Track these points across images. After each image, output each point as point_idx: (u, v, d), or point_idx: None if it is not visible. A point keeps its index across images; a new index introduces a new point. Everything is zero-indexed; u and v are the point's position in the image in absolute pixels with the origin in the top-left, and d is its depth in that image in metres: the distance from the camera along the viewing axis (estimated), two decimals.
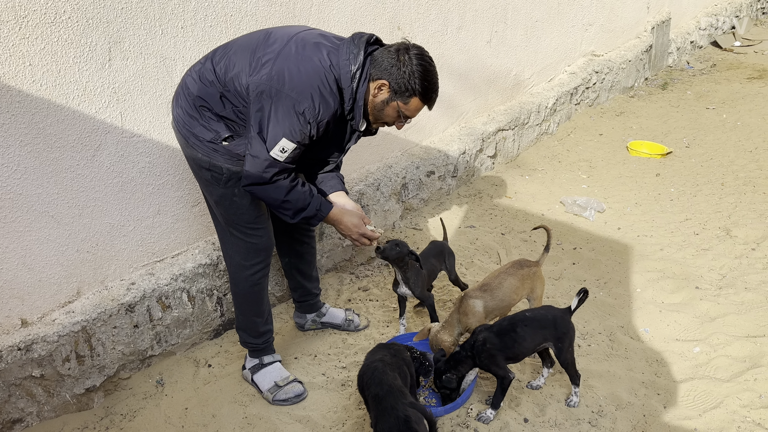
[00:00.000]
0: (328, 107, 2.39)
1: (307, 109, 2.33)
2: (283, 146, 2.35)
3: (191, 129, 2.52)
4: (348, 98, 2.44)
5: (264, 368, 2.94)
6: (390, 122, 2.57)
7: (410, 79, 2.40)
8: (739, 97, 6.87)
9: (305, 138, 2.39)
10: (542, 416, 2.80)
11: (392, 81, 2.42)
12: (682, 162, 5.44)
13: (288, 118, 2.33)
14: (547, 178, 5.21)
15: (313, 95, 2.34)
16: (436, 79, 2.48)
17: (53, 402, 2.76)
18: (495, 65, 5.15)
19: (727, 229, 4.29)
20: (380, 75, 2.42)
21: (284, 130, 2.33)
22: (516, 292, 3.03)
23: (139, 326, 2.97)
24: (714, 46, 8.93)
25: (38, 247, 2.65)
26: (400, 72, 2.39)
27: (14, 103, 2.42)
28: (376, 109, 2.51)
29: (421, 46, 2.48)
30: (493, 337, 2.70)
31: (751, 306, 3.48)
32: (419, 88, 2.43)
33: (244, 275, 2.78)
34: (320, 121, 2.39)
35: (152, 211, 3.02)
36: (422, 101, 2.49)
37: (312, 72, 2.36)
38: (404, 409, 2.30)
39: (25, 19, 2.36)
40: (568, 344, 2.75)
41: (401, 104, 2.48)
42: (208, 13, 2.95)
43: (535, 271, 3.10)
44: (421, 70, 2.41)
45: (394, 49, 2.43)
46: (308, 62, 2.37)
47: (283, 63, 2.35)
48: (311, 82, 2.35)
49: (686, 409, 2.83)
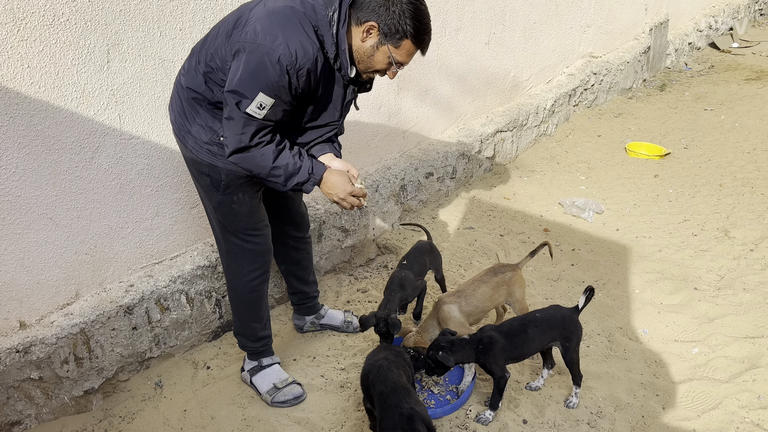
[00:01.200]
0: (306, 53, 2.21)
1: (282, 56, 2.16)
2: (261, 102, 2.20)
3: (189, 131, 2.49)
4: (330, 44, 2.27)
5: (263, 370, 2.94)
6: (382, 69, 2.38)
7: (401, 20, 2.23)
8: (737, 99, 6.88)
9: (284, 91, 2.23)
10: (541, 417, 2.80)
11: (381, 22, 2.24)
12: (681, 163, 5.45)
13: (263, 68, 2.17)
14: (545, 179, 5.21)
15: (288, 42, 2.17)
16: (428, 19, 2.30)
17: (52, 404, 2.76)
18: (493, 67, 5.16)
19: (726, 230, 4.29)
20: (368, 17, 2.24)
21: (260, 82, 2.18)
22: (490, 299, 3.03)
23: (137, 328, 2.97)
24: (712, 47, 8.95)
25: (37, 249, 2.65)
26: (389, 12, 2.22)
27: (12, 105, 2.42)
28: (366, 56, 2.33)
29: None
30: (501, 338, 2.69)
31: (749, 307, 3.48)
32: (411, 29, 2.25)
33: (242, 282, 2.77)
34: (299, 69, 2.21)
35: (151, 213, 3.02)
36: (415, 44, 2.31)
37: (284, 19, 2.21)
38: (408, 406, 2.31)
39: (24, 21, 2.36)
40: (575, 344, 2.77)
41: (392, 48, 2.29)
42: (206, 15, 2.95)
43: (511, 276, 3.07)
44: (412, 9, 2.23)
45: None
46: (280, 10, 2.23)
47: (255, 18, 2.24)
48: (285, 29, 2.19)
49: (685, 410, 2.83)
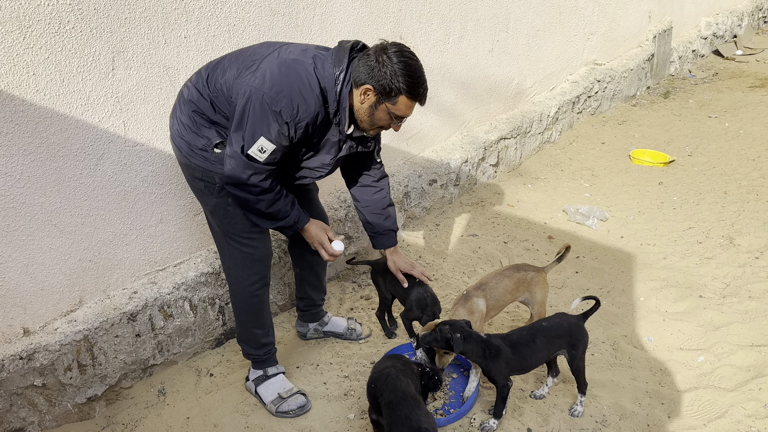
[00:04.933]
0: (308, 108, 2.35)
1: (284, 108, 2.30)
2: (262, 146, 2.33)
3: (184, 138, 2.54)
4: (332, 101, 2.41)
5: (268, 380, 2.93)
6: (385, 125, 2.53)
7: (393, 79, 2.34)
8: (742, 106, 6.87)
9: (283, 139, 2.36)
10: (546, 426, 2.78)
11: (375, 84, 2.36)
12: (685, 170, 5.43)
13: (266, 116, 2.30)
14: (549, 186, 5.20)
15: (291, 95, 2.31)
16: (419, 72, 2.40)
17: (55, 411, 2.76)
18: (497, 74, 5.16)
19: (731, 238, 4.28)
20: (363, 80, 2.37)
21: (263, 128, 2.31)
22: (511, 293, 3.03)
23: (141, 335, 2.96)
24: (716, 54, 8.95)
25: (41, 255, 2.65)
26: (381, 73, 2.34)
27: (18, 112, 2.43)
28: (366, 115, 2.47)
29: (400, 42, 2.43)
30: (508, 349, 2.67)
31: (755, 315, 3.46)
32: (404, 86, 2.36)
33: (242, 286, 2.77)
34: (298, 122, 2.35)
35: (155, 220, 3.02)
36: (410, 98, 2.42)
37: (293, 73, 2.34)
38: (418, 419, 2.26)
39: (30, 29, 2.38)
40: (581, 351, 2.75)
41: (390, 105, 2.42)
42: (211, 23, 2.96)
43: (533, 276, 3.09)
44: (402, 66, 2.35)
45: (372, 51, 2.38)
46: (290, 64, 2.36)
47: (266, 65, 2.36)
48: (290, 82, 2.32)
49: (690, 419, 2.81)
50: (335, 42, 2.53)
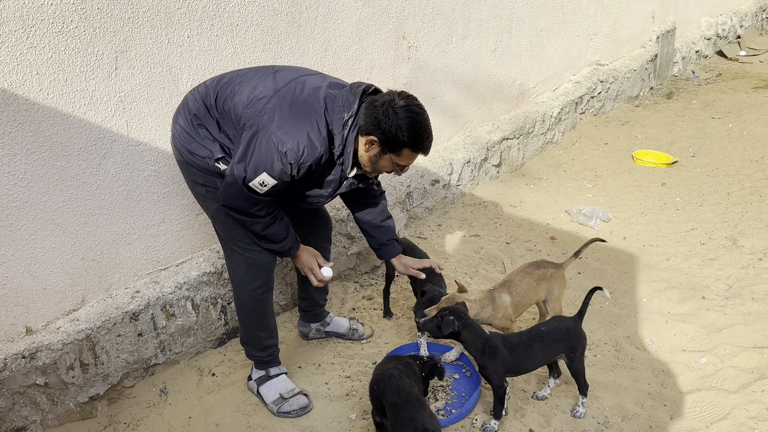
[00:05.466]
0: (314, 151, 2.38)
1: (290, 150, 2.32)
2: (263, 180, 2.36)
3: (187, 145, 2.55)
4: (338, 144, 2.44)
5: (270, 380, 2.93)
6: (389, 171, 2.58)
7: (398, 133, 2.38)
8: (745, 107, 6.86)
9: (285, 176, 2.38)
10: (548, 427, 2.78)
11: (381, 136, 2.40)
12: (688, 171, 5.42)
13: (270, 154, 2.33)
14: (552, 187, 5.20)
15: (299, 138, 2.34)
16: (424, 127, 2.44)
17: (57, 410, 2.76)
18: (500, 74, 5.16)
19: (734, 239, 4.27)
20: (369, 130, 2.41)
21: (266, 165, 2.34)
22: (534, 291, 3.05)
23: (143, 335, 2.97)
24: (719, 55, 8.93)
25: (43, 254, 2.66)
26: (386, 126, 2.37)
27: (21, 111, 2.44)
28: (371, 162, 2.52)
29: (411, 94, 2.45)
30: (506, 350, 2.66)
31: (758, 316, 3.45)
32: (408, 140, 2.41)
33: (246, 290, 2.78)
34: (302, 164, 2.37)
35: (157, 220, 3.02)
36: (413, 151, 2.47)
37: (303, 114, 2.37)
38: (423, 420, 2.26)
39: (33, 28, 2.38)
40: (580, 353, 2.74)
41: (394, 156, 2.47)
42: (214, 23, 2.97)
43: (553, 273, 3.11)
44: (407, 122, 2.38)
45: (380, 102, 2.40)
46: (302, 104, 2.38)
47: (277, 101, 2.38)
48: (300, 124, 2.35)
49: (693, 421, 2.80)
50: (337, 46, 2.53)
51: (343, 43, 3.67)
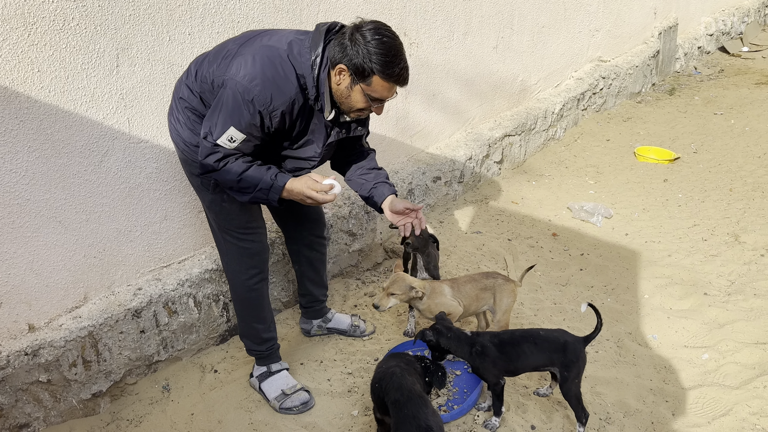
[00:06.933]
0: (281, 96, 2.29)
1: (257, 97, 2.26)
2: (231, 135, 2.29)
3: (180, 135, 2.55)
4: (311, 87, 2.34)
5: (272, 376, 2.94)
6: (364, 108, 2.41)
7: (365, 58, 2.25)
8: (747, 103, 6.84)
9: (254, 129, 2.31)
10: (549, 423, 2.78)
11: (348, 63, 2.28)
12: (690, 168, 5.41)
13: (237, 106, 2.27)
14: (554, 183, 5.19)
15: (264, 83, 2.26)
16: (396, 51, 2.29)
17: (60, 407, 2.77)
18: (501, 71, 5.15)
19: (736, 235, 4.26)
20: (337, 60, 2.30)
21: (233, 118, 2.28)
22: (476, 298, 3.02)
23: (145, 331, 2.97)
24: (722, 51, 8.90)
25: (46, 252, 2.66)
26: (353, 52, 2.26)
27: (23, 109, 2.44)
28: (343, 97, 2.37)
29: (378, 20, 2.33)
30: (494, 348, 2.63)
31: (760, 312, 3.45)
32: (377, 66, 2.26)
33: (240, 280, 2.78)
34: (272, 111, 2.30)
35: (159, 217, 3.03)
36: (385, 79, 2.30)
37: (267, 61, 2.29)
38: (426, 418, 2.25)
39: (34, 25, 2.38)
40: (575, 374, 2.60)
41: (365, 86, 2.32)
42: (216, 20, 2.96)
43: (501, 284, 3.03)
44: (375, 45, 2.24)
45: (347, 30, 2.31)
46: (265, 51, 2.31)
47: (242, 51, 2.33)
48: (264, 71, 2.27)
49: (695, 417, 2.80)
50: None
51: None
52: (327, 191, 2.46)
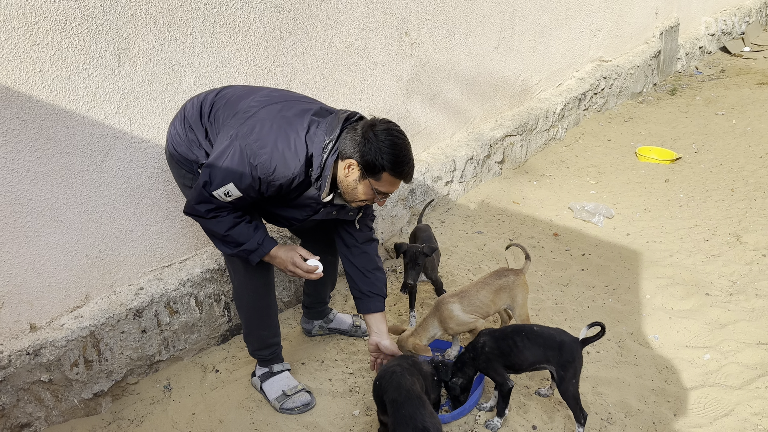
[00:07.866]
0: (285, 171, 2.35)
1: (261, 164, 2.31)
2: (229, 190, 2.35)
3: (177, 148, 2.59)
4: (317, 167, 2.40)
5: (273, 377, 2.94)
6: (369, 200, 2.51)
7: (377, 156, 2.34)
8: (749, 103, 6.83)
9: (252, 191, 2.37)
10: (551, 423, 2.78)
11: (360, 159, 2.37)
12: (692, 168, 5.41)
13: (242, 165, 2.32)
14: (555, 183, 5.19)
15: (273, 153, 2.32)
16: (405, 151, 2.40)
17: (61, 407, 2.77)
18: (503, 71, 5.15)
19: (737, 235, 4.26)
20: (348, 154, 2.38)
21: (235, 176, 2.32)
22: (492, 302, 2.99)
23: (146, 331, 2.97)
24: (723, 51, 8.90)
25: (47, 251, 2.67)
26: (366, 149, 2.34)
27: (24, 108, 2.44)
28: (350, 189, 2.47)
29: (389, 120, 2.44)
30: (492, 341, 2.66)
31: (762, 313, 3.45)
32: (388, 164, 2.36)
33: (246, 291, 2.78)
34: (272, 181, 2.36)
35: (161, 217, 3.03)
36: (393, 176, 2.41)
37: (282, 132, 2.35)
38: (423, 419, 2.24)
39: (36, 25, 2.38)
40: (571, 375, 2.58)
41: (373, 181, 2.42)
42: (217, 20, 2.97)
43: (514, 280, 3.03)
44: (387, 145, 2.35)
45: (360, 126, 2.39)
46: (283, 123, 2.36)
47: (261, 115, 2.38)
48: (277, 142, 2.33)
49: (697, 417, 2.80)
50: (339, 43, 2.53)
51: (345, 39, 3.66)
52: (312, 272, 2.61)
